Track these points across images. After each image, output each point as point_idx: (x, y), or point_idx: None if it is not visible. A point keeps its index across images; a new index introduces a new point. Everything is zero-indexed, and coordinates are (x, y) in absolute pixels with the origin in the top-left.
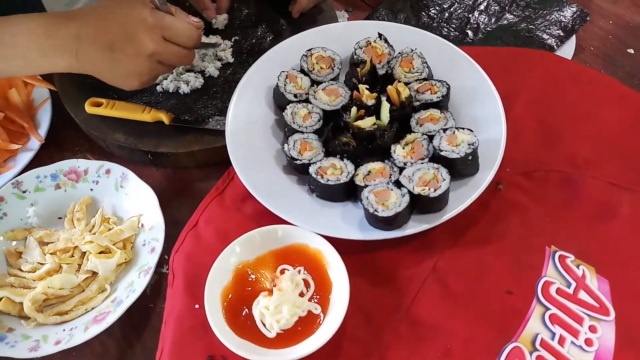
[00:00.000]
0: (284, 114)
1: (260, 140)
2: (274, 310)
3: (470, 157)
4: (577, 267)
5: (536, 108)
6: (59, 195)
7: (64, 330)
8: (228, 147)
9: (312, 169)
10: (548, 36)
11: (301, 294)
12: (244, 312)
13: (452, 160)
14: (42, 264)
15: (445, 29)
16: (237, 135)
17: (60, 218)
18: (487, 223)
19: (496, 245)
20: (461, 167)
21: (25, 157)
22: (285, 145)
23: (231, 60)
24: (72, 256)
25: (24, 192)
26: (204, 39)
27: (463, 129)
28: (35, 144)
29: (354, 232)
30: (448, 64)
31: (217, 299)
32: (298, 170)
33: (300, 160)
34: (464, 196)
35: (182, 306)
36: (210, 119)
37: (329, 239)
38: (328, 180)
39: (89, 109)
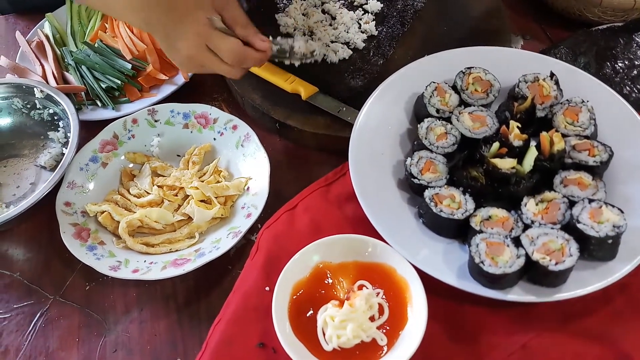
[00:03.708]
0: (419, 126)
1: (385, 146)
2: (338, 323)
3: (610, 241)
4: None
5: None
6: (184, 134)
7: (145, 261)
8: (351, 142)
9: (427, 193)
10: None
11: (372, 318)
12: (309, 312)
13: (588, 237)
14: (148, 192)
15: (627, 88)
16: (364, 134)
17: (178, 155)
18: (604, 319)
19: (608, 348)
20: (595, 248)
21: (167, 90)
22: (409, 159)
23: (375, 32)
24: (176, 195)
25: (156, 121)
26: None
27: (613, 206)
28: (180, 80)
29: (450, 276)
30: (619, 129)
31: (288, 290)
32: (413, 189)
33: (419, 179)
34: (587, 281)
35: (254, 283)
36: (344, 108)
37: (420, 271)
38: (441, 210)
39: None
